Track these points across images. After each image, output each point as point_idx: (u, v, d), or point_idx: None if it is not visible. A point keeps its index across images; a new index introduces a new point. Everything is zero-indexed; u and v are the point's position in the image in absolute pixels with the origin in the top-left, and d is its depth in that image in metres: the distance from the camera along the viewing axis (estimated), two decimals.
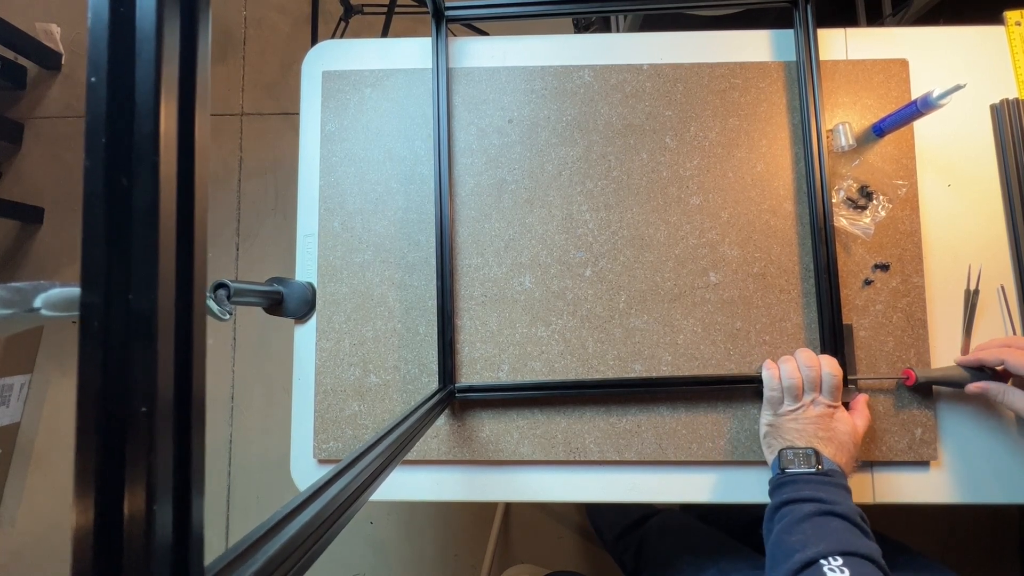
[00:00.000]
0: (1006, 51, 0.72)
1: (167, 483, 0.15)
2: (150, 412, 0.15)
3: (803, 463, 0.57)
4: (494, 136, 0.73)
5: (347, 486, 0.32)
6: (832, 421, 0.60)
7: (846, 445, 0.59)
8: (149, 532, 0.15)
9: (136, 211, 0.15)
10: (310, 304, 0.72)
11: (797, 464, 0.57)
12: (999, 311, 0.68)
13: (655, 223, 0.71)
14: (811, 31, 0.70)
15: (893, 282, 0.68)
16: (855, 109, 0.71)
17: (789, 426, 0.61)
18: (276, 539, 0.24)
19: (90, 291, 0.15)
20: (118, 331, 0.15)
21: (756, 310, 0.69)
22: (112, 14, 0.15)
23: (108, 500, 0.15)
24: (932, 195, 0.70)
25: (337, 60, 0.76)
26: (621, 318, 0.70)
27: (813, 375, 0.61)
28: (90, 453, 0.15)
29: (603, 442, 0.68)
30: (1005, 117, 0.70)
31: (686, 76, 0.73)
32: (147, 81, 0.15)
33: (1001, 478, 0.66)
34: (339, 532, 0.30)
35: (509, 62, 0.75)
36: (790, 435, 0.60)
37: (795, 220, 0.70)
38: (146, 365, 0.15)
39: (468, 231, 0.72)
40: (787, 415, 0.61)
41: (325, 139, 0.74)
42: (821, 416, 0.60)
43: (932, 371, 0.65)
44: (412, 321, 0.71)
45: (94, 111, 0.15)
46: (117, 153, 0.15)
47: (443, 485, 0.70)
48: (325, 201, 0.73)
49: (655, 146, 0.72)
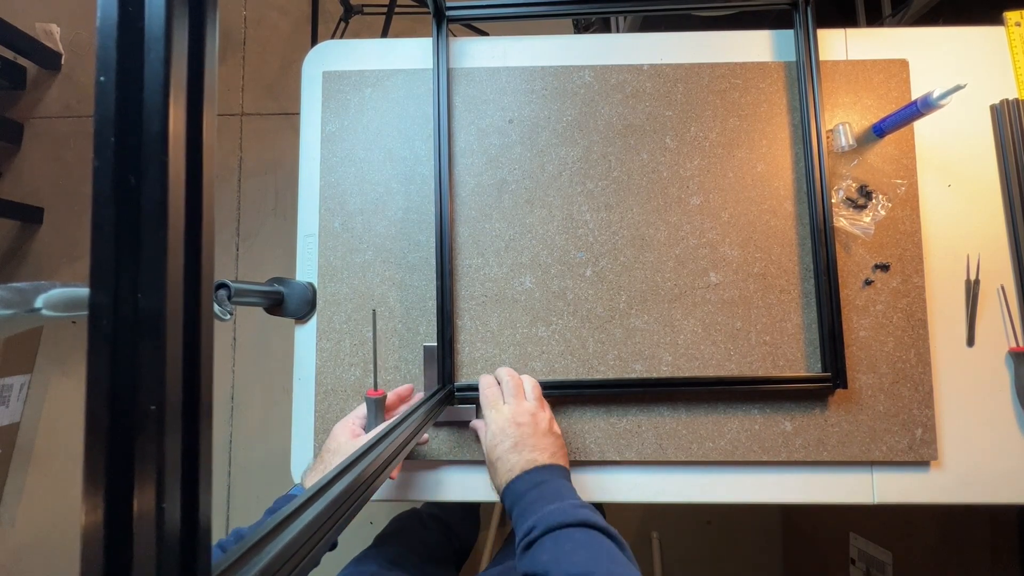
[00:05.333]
0: (1006, 51, 0.73)
1: (175, 481, 0.15)
2: (159, 410, 0.15)
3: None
4: (494, 136, 0.73)
5: (348, 486, 0.32)
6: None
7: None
8: (158, 529, 0.15)
9: (145, 210, 0.15)
10: (310, 304, 0.72)
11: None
12: (999, 310, 0.68)
13: (655, 223, 0.71)
14: (811, 31, 0.70)
15: (893, 282, 0.68)
16: (855, 109, 0.71)
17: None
18: (279, 539, 0.24)
19: (99, 290, 0.15)
20: (127, 330, 0.15)
21: (756, 310, 0.69)
22: (121, 14, 0.15)
23: (118, 497, 0.15)
24: (932, 195, 0.70)
25: (337, 60, 0.76)
26: (621, 318, 0.70)
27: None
28: (100, 451, 0.15)
29: (603, 442, 0.68)
30: (1005, 117, 0.70)
31: (686, 76, 0.73)
32: (156, 81, 0.15)
33: (1001, 478, 0.66)
34: (341, 532, 0.31)
35: (509, 62, 0.75)
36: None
37: (795, 220, 0.70)
38: (155, 363, 0.15)
39: (468, 231, 0.72)
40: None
41: (325, 139, 0.74)
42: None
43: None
44: (412, 321, 0.71)
45: (103, 110, 0.15)
46: (126, 152, 0.15)
47: (443, 485, 0.70)
48: (325, 201, 0.73)
49: (655, 146, 0.72)
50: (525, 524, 0.51)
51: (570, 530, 0.49)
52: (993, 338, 0.68)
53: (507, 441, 0.58)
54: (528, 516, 0.51)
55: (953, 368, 0.68)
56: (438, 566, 0.78)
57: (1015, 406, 0.67)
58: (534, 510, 0.51)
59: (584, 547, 0.47)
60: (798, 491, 0.67)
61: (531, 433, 0.58)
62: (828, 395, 0.67)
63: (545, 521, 0.50)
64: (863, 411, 0.67)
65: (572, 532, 0.49)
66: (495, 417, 0.60)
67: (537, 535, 0.49)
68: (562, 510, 0.50)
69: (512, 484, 0.55)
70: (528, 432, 0.58)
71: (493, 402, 0.62)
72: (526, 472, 0.55)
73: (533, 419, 0.60)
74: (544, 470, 0.56)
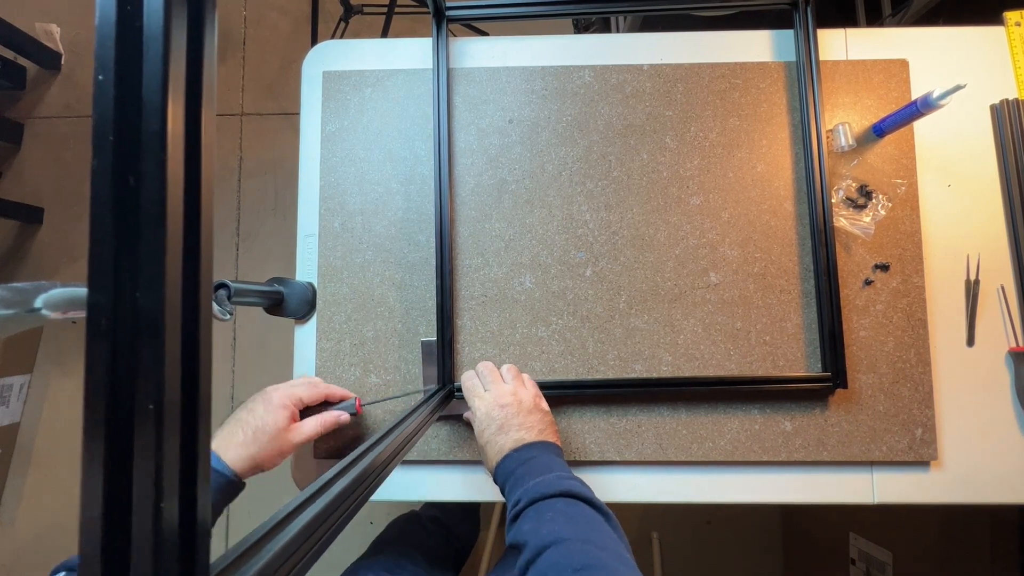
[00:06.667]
0: (1006, 51, 0.73)
1: (174, 480, 0.15)
2: (158, 409, 0.15)
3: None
4: (494, 136, 0.73)
5: (348, 486, 0.32)
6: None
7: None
8: (156, 529, 0.15)
9: (143, 210, 0.15)
10: (310, 304, 0.72)
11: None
12: (999, 310, 0.68)
13: (655, 223, 0.71)
14: (811, 32, 0.70)
15: (893, 282, 0.68)
16: (855, 109, 0.71)
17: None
18: (278, 538, 0.24)
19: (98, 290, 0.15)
20: (125, 329, 0.15)
21: (756, 310, 0.69)
22: (119, 13, 0.15)
23: (116, 497, 0.15)
24: (932, 195, 0.70)
25: (337, 60, 0.76)
26: (621, 318, 0.70)
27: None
28: (98, 450, 0.15)
29: (603, 442, 0.68)
30: (1005, 117, 0.70)
31: (686, 76, 0.73)
32: (155, 79, 0.15)
33: (1001, 478, 0.66)
34: (340, 531, 0.30)
35: (509, 62, 0.75)
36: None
37: (795, 220, 0.70)
38: (153, 362, 0.15)
39: (468, 231, 0.72)
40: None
41: (325, 139, 0.74)
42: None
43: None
44: (412, 321, 0.71)
45: (102, 110, 0.15)
46: (125, 152, 0.15)
47: (443, 485, 0.70)
48: (325, 201, 0.73)
49: (655, 146, 0.72)
50: (512, 498, 0.52)
51: (552, 500, 0.50)
52: (993, 338, 0.68)
53: (493, 425, 0.59)
54: (515, 490, 0.53)
55: (953, 368, 0.68)
56: (438, 569, 0.78)
57: (1015, 406, 0.67)
58: (521, 484, 0.53)
59: (563, 515, 0.48)
60: (798, 491, 0.67)
61: (516, 412, 0.59)
62: (828, 395, 0.67)
63: (529, 494, 0.51)
64: (863, 411, 0.67)
65: (554, 502, 0.50)
66: (479, 404, 0.62)
67: (522, 507, 0.50)
68: (547, 482, 0.51)
69: (501, 463, 0.57)
70: (513, 412, 0.59)
71: (474, 391, 0.63)
72: (514, 451, 0.57)
73: (515, 398, 0.61)
74: (533, 447, 0.57)
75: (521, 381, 0.64)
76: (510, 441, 0.57)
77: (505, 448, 0.57)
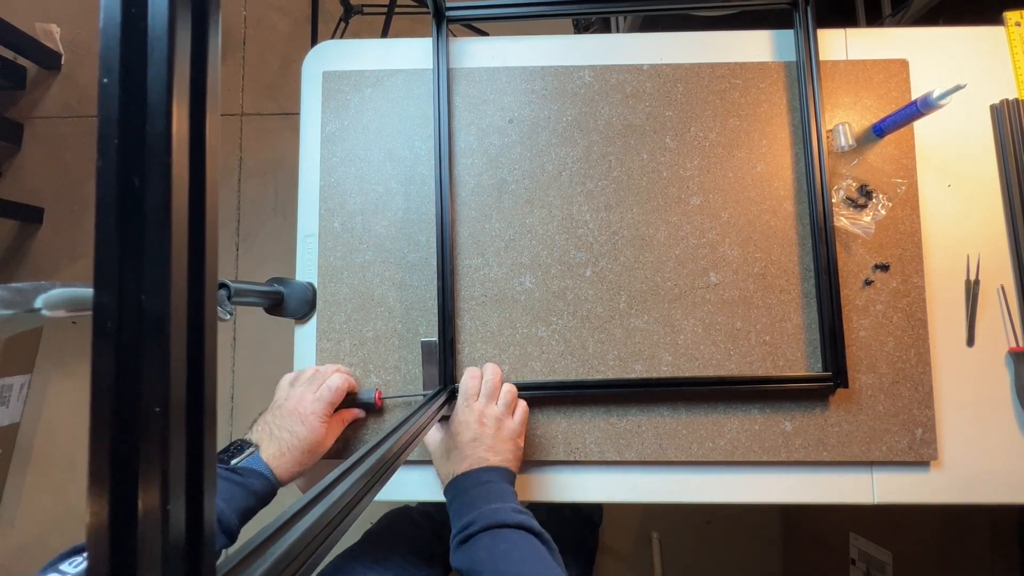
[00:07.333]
0: (1006, 51, 0.73)
1: (180, 482, 0.16)
2: (163, 411, 0.15)
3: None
4: (494, 136, 0.73)
5: (351, 487, 0.32)
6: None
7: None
8: (163, 531, 0.15)
9: (148, 212, 0.15)
10: (310, 304, 0.72)
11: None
12: (999, 310, 0.68)
13: (655, 223, 0.71)
14: (811, 31, 0.70)
15: (893, 282, 0.68)
16: (855, 109, 0.72)
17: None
18: (283, 540, 0.24)
19: (103, 292, 0.15)
20: (131, 331, 0.15)
21: (756, 310, 0.69)
22: (124, 15, 0.15)
23: (122, 499, 0.15)
24: (932, 195, 0.70)
25: (337, 60, 0.76)
26: (621, 318, 0.70)
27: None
28: (104, 452, 0.15)
29: (603, 442, 0.68)
30: (1005, 117, 0.70)
31: (686, 76, 0.73)
32: (159, 81, 0.15)
33: (1001, 478, 0.66)
34: (344, 532, 0.31)
35: (509, 62, 0.75)
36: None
37: (795, 220, 0.70)
38: (159, 365, 0.15)
39: (468, 231, 0.72)
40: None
41: (325, 139, 0.74)
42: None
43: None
44: (412, 321, 0.71)
45: (106, 112, 0.15)
46: (129, 154, 0.15)
47: (440, 485, 0.69)
48: (325, 201, 0.73)
49: (655, 146, 0.72)
50: (465, 518, 0.53)
51: (507, 531, 0.51)
52: (993, 338, 0.68)
53: (467, 434, 0.60)
54: (468, 511, 0.54)
55: (953, 368, 0.68)
56: (426, 565, 0.79)
57: (1015, 406, 0.67)
58: (476, 506, 0.54)
59: (518, 548, 0.50)
60: (798, 491, 0.68)
61: (492, 435, 0.60)
62: (828, 395, 0.67)
63: (484, 518, 0.52)
64: (863, 411, 0.67)
65: (509, 533, 0.51)
66: (463, 408, 0.62)
67: (475, 531, 0.52)
68: (503, 511, 0.53)
69: (458, 479, 0.58)
70: (490, 433, 0.60)
71: (469, 393, 0.64)
72: (474, 469, 0.58)
73: (498, 423, 0.62)
74: (492, 471, 0.58)
75: (510, 411, 0.64)
76: (474, 458, 0.59)
77: (465, 464, 0.59)
